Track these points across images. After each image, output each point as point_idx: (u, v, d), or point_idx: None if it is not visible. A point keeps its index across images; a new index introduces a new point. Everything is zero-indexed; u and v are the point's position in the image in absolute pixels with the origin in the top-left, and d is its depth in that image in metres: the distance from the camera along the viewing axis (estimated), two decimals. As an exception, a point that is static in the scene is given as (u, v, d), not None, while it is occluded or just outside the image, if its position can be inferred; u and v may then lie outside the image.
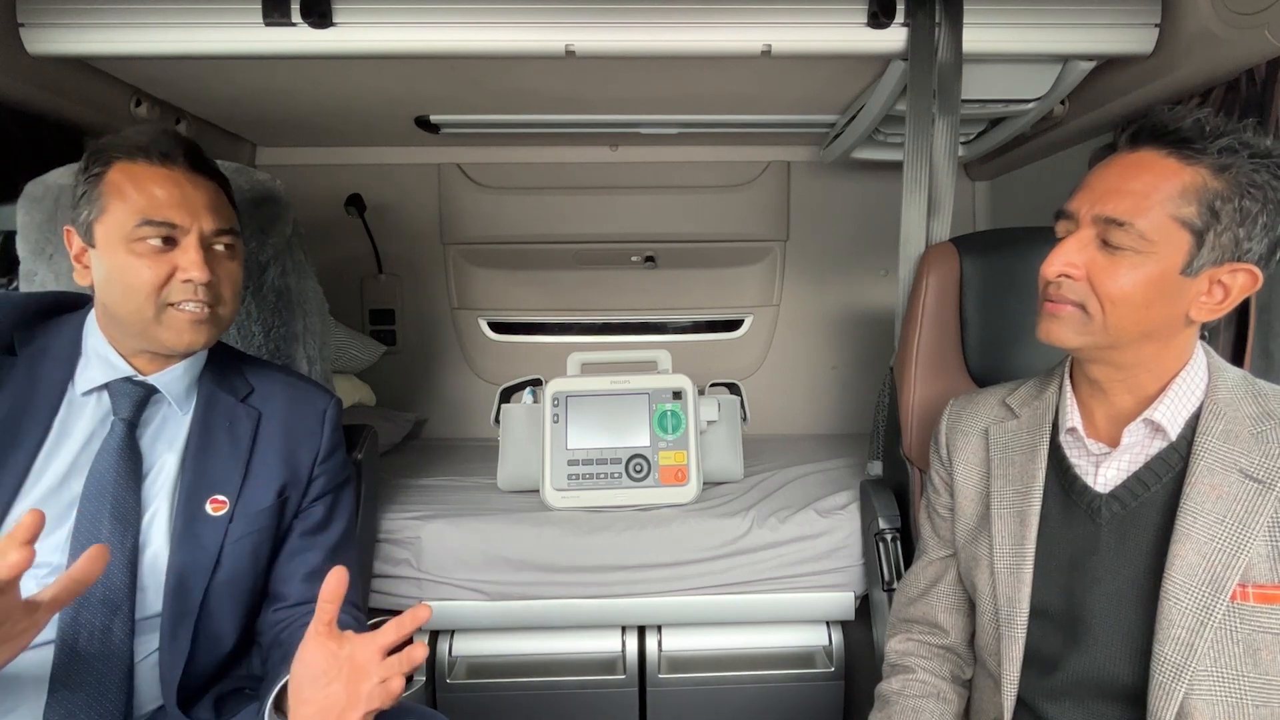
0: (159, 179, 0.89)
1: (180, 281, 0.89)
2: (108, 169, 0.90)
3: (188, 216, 0.90)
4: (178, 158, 0.91)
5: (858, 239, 2.30)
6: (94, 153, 0.91)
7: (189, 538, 0.92)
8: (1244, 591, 0.78)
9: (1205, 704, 0.79)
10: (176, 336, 0.91)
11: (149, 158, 0.90)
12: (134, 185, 0.89)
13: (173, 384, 0.96)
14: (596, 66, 1.46)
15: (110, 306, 0.91)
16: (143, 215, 0.88)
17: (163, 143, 0.91)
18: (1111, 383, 0.87)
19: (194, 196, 0.91)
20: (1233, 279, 0.80)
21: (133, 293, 0.88)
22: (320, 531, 1.03)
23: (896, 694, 1.01)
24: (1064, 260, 0.83)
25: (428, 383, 2.37)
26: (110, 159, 0.90)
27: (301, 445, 1.03)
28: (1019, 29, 1.32)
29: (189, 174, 0.92)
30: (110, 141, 0.91)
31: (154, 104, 1.62)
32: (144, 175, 0.89)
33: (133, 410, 0.93)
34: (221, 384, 1.00)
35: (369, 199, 2.19)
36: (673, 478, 1.61)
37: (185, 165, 0.92)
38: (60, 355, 0.93)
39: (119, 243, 0.88)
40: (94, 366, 0.93)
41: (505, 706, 1.53)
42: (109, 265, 0.89)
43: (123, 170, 0.89)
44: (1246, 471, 0.80)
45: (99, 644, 0.85)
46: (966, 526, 0.99)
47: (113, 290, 0.90)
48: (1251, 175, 0.77)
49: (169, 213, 0.89)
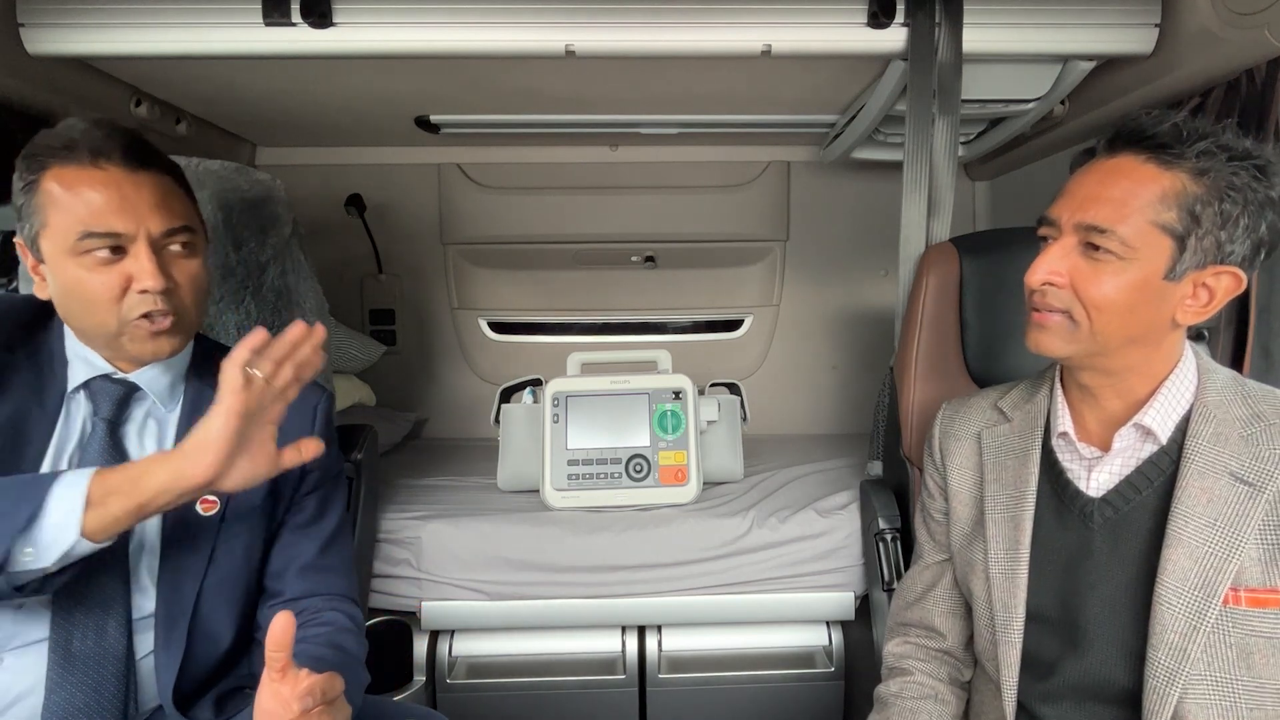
0: (93, 182, 0.81)
1: (136, 293, 0.83)
2: (41, 175, 0.82)
3: (131, 221, 0.82)
4: (112, 154, 0.82)
5: (858, 239, 2.30)
6: (26, 157, 0.83)
7: (180, 538, 0.91)
8: (1236, 595, 0.78)
9: (1199, 708, 0.79)
10: (142, 348, 0.87)
11: (79, 160, 0.81)
12: (69, 193, 0.81)
13: (154, 381, 0.93)
14: (596, 66, 1.46)
15: (72, 321, 0.87)
16: (83, 226, 0.80)
17: (92, 139, 0.82)
18: (1101, 388, 0.87)
19: (135, 197, 0.82)
20: (1217, 281, 0.80)
21: (90, 307, 0.83)
22: (313, 525, 1.02)
23: (895, 696, 1.01)
24: (1047, 269, 0.83)
25: (428, 383, 2.38)
26: (43, 164, 0.82)
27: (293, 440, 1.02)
28: (1019, 29, 1.32)
29: (127, 172, 0.83)
30: (41, 142, 0.83)
31: (154, 104, 1.62)
32: (77, 180, 0.81)
33: (114, 409, 0.90)
34: (208, 380, 0.96)
35: (369, 199, 2.19)
36: (673, 478, 1.61)
37: (121, 162, 0.83)
38: (57, 355, 0.91)
39: (65, 257, 0.82)
40: (77, 366, 0.91)
41: (505, 706, 1.53)
42: (61, 280, 0.83)
43: (56, 176, 0.81)
44: (1237, 474, 0.80)
45: (94, 643, 0.85)
46: (961, 531, 0.99)
47: (72, 304, 0.85)
48: (1230, 178, 0.77)
49: (110, 220, 0.81)
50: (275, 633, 0.72)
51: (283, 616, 0.73)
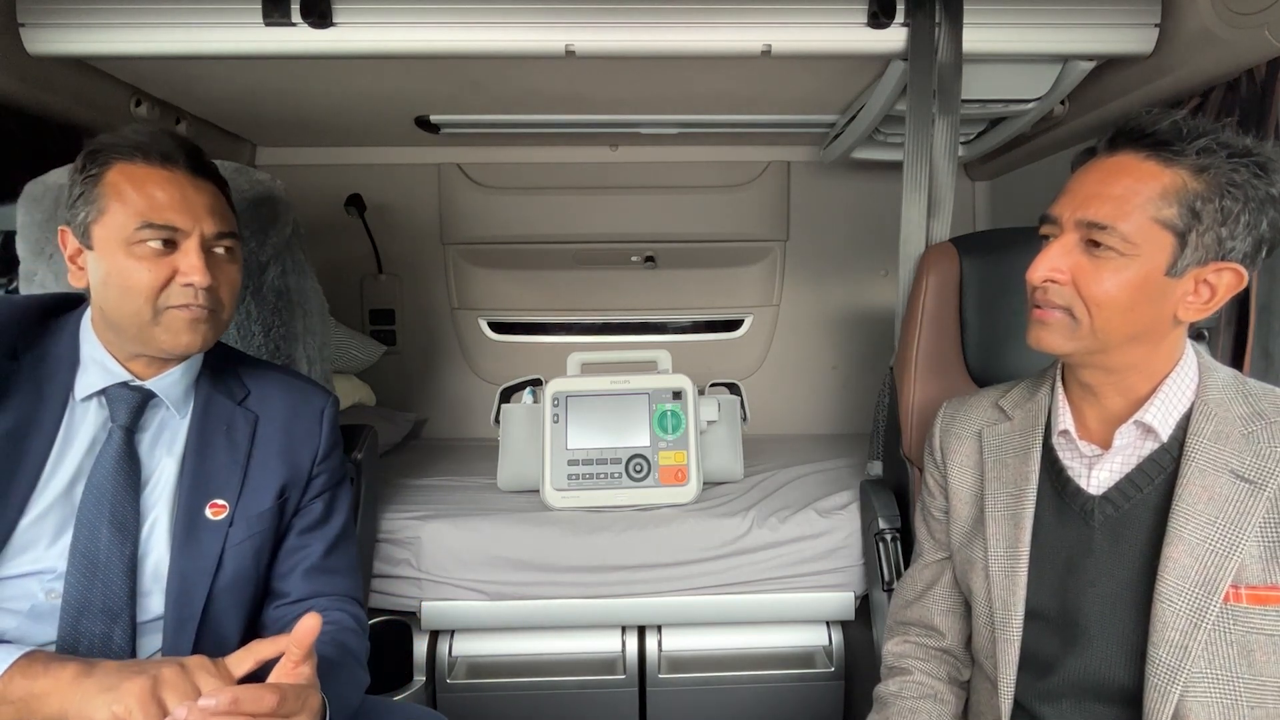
0: (160, 181, 0.88)
1: (180, 285, 0.88)
2: (107, 169, 0.88)
3: (189, 219, 0.88)
4: (179, 159, 0.90)
5: (858, 239, 2.30)
6: (91, 152, 0.89)
7: (190, 543, 0.92)
8: (1237, 593, 0.78)
9: (1200, 705, 0.79)
10: (174, 339, 0.89)
11: (149, 159, 0.88)
12: (134, 187, 0.87)
13: (170, 388, 0.95)
14: (596, 66, 1.46)
15: (107, 309, 0.89)
16: (143, 218, 0.86)
17: (164, 143, 0.89)
18: (1102, 386, 0.87)
19: (195, 199, 0.89)
20: (1218, 278, 0.80)
21: (131, 295, 0.87)
22: (319, 527, 1.03)
23: (894, 695, 1.01)
24: (1049, 266, 0.83)
25: (428, 383, 2.38)
26: (109, 159, 0.88)
27: (301, 446, 1.02)
28: (1019, 29, 1.32)
29: (190, 176, 0.90)
30: (109, 140, 0.89)
31: (153, 104, 1.62)
32: (145, 177, 0.87)
33: (130, 416, 0.92)
34: (218, 387, 0.99)
35: (369, 199, 2.19)
36: (673, 478, 1.61)
37: (186, 167, 0.90)
38: (62, 359, 0.92)
39: (118, 245, 0.87)
40: (91, 372, 0.91)
41: (505, 706, 1.53)
42: (107, 267, 0.87)
43: (122, 171, 0.87)
44: (1237, 472, 0.81)
45: (100, 651, 0.85)
46: (961, 529, 1.00)
47: (110, 292, 0.88)
48: (1230, 175, 0.77)
49: (170, 215, 0.87)
50: (301, 631, 0.74)
51: (311, 618, 0.74)
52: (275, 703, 0.69)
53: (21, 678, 0.74)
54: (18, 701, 0.73)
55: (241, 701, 0.68)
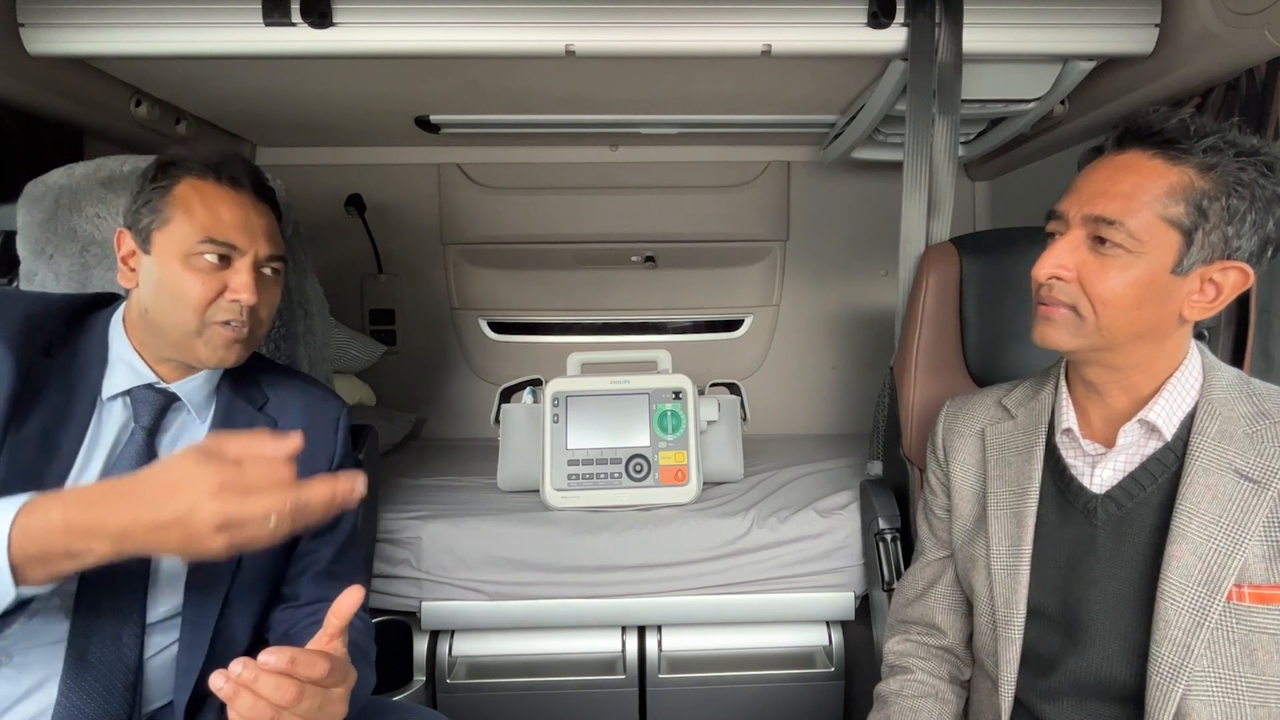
0: (227, 201, 0.92)
1: (228, 301, 0.91)
2: (177, 182, 0.91)
3: (247, 240, 0.92)
4: (245, 183, 0.94)
5: (858, 239, 2.30)
6: (164, 164, 0.93)
7: None
8: (1240, 592, 0.78)
9: (1202, 704, 0.79)
10: (212, 353, 0.92)
11: (219, 179, 0.92)
12: (202, 203, 0.91)
13: (194, 392, 0.96)
14: (596, 66, 1.47)
15: (153, 313, 0.91)
16: (206, 233, 0.90)
17: (234, 167, 0.94)
18: (1106, 384, 0.87)
19: (255, 222, 0.94)
20: (1224, 277, 0.80)
21: (180, 304, 0.90)
22: (330, 531, 1.04)
23: (895, 694, 1.01)
24: (1055, 262, 0.83)
25: (428, 383, 2.38)
26: (181, 173, 0.92)
27: (317, 452, 1.04)
28: (1019, 29, 1.32)
29: (254, 200, 0.95)
30: (183, 155, 0.94)
31: (154, 104, 1.62)
32: (213, 195, 0.92)
33: (153, 418, 0.93)
34: (239, 392, 1.01)
35: (369, 199, 2.19)
36: (673, 478, 1.61)
37: (251, 191, 0.94)
38: (91, 359, 0.93)
39: (176, 255, 0.90)
40: (119, 372, 0.93)
41: (505, 706, 1.53)
42: (161, 274, 0.90)
43: (192, 186, 0.91)
44: (1241, 471, 0.80)
45: (111, 651, 0.86)
46: (963, 527, 1.00)
47: (161, 298, 0.90)
48: (1237, 174, 0.77)
49: (231, 234, 0.91)
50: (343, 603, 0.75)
51: (355, 590, 0.76)
52: (326, 669, 0.71)
53: (44, 514, 0.69)
54: (70, 532, 0.69)
55: (298, 663, 0.70)
